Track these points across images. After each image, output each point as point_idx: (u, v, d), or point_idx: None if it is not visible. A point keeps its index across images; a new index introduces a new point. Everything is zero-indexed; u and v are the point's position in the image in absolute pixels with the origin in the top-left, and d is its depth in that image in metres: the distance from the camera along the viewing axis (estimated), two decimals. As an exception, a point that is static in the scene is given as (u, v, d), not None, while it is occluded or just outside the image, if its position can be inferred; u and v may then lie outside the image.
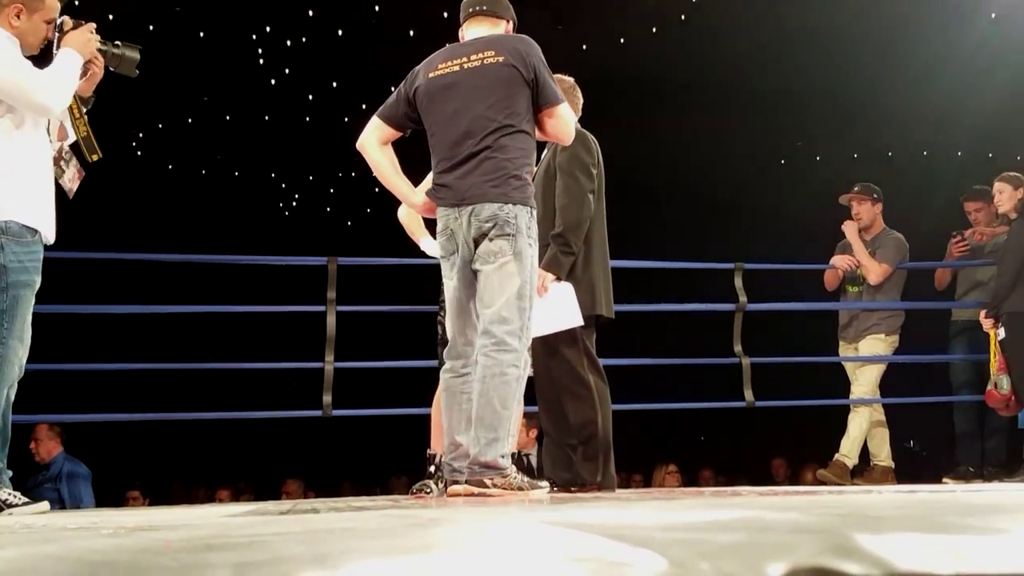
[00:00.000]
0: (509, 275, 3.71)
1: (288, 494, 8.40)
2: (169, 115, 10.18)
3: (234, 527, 1.96)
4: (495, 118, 3.76)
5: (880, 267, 6.45)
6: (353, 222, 11.25)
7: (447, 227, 3.81)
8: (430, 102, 3.87)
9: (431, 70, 3.90)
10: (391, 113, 3.97)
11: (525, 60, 3.80)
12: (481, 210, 3.71)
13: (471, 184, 3.74)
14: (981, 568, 0.94)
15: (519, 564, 0.96)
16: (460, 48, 3.93)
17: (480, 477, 3.62)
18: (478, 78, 3.80)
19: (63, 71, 3.84)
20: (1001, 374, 6.06)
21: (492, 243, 3.71)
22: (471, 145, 3.77)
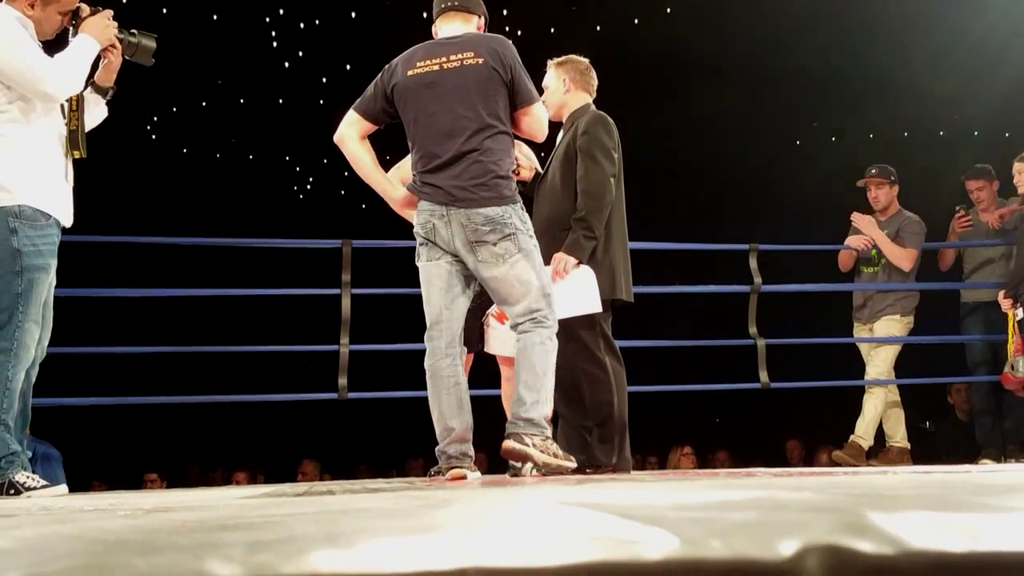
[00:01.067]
0: (525, 272, 3.81)
1: (304, 475, 8.44)
2: (184, 99, 10.20)
3: (249, 508, 1.97)
4: (478, 120, 3.83)
5: (908, 252, 6.41)
6: (368, 205, 11.24)
7: (429, 220, 3.86)
8: (409, 100, 3.90)
9: (409, 67, 3.91)
10: (368, 107, 4.00)
11: (503, 61, 3.86)
12: (476, 214, 3.77)
13: (461, 186, 3.79)
14: (994, 546, 0.93)
15: (531, 542, 0.96)
16: (438, 47, 3.94)
17: (521, 432, 3.73)
18: (458, 79, 3.84)
19: (75, 58, 3.83)
20: (1018, 356, 6.04)
21: (496, 247, 3.78)
22: (456, 146, 3.81)
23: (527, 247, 3.84)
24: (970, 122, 10.21)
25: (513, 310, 3.84)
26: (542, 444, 3.75)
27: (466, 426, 3.87)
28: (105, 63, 4.06)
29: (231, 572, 0.86)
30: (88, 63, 3.90)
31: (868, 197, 6.62)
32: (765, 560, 0.89)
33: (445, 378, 3.87)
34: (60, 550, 0.99)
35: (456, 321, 3.92)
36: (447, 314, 3.90)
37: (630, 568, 0.89)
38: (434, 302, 3.91)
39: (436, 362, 3.89)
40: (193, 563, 0.88)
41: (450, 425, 3.84)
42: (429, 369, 3.92)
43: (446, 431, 3.85)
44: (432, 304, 3.92)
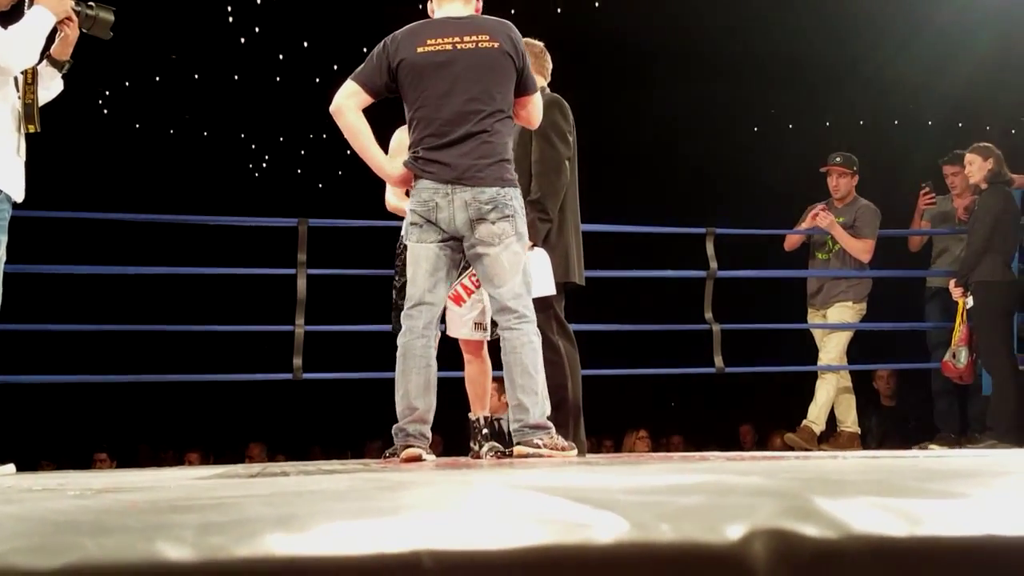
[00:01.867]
0: (516, 254, 3.84)
1: (251, 458, 8.38)
2: (137, 73, 10.05)
3: (201, 489, 1.97)
4: (490, 102, 3.84)
5: (866, 243, 6.49)
6: (324, 184, 11.18)
7: (432, 199, 3.83)
8: (418, 77, 3.86)
9: (419, 44, 3.87)
10: (370, 80, 3.92)
11: (516, 48, 3.90)
12: (481, 193, 3.78)
13: (469, 165, 3.79)
14: (936, 530, 0.95)
15: (484, 526, 0.97)
16: (450, 26, 3.91)
17: (531, 438, 3.81)
18: (473, 60, 3.83)
19: (29, 30, 3.75)
20: (961, 346, 6.15)
21: (495, 226, 3.80)
22: (468, 126, 3.81)
23: (522, 231, 3.88)
24: (925, 112, 10.34)
25: (499, 291, 3.85)
26: (550, 442, 3.84)
27: (429, 408, 3.88)
28: (61, 36, 3.99)
29: (182, 554, 0.86)
30: (43, 35, 3.83)
31: (828, 184, 6.68)
32: (713, 544, 0.90)
33: (417, 357, 3.87)
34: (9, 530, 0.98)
35: (437, 305, 3.94)
36: (429, 296, 3.90)
37: (581, 551, 0.90)
38: (419, 283, 3.90)
39: (411, 340, 3.89)
40: (144, 545, 0.88)
41: (414, 404, 3.85)
42: (402, 347, 3.91)
43: (409, 409, 3.85)
44: (417, 285, 3.91)
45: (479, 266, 3.90)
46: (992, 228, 6.08)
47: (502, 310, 3.87)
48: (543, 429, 3.85)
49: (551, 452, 3.81)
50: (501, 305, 3.87)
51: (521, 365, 3.83)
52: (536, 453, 3.78)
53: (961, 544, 0.94)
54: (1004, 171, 6.20)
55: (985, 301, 6.06)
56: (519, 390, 3.84)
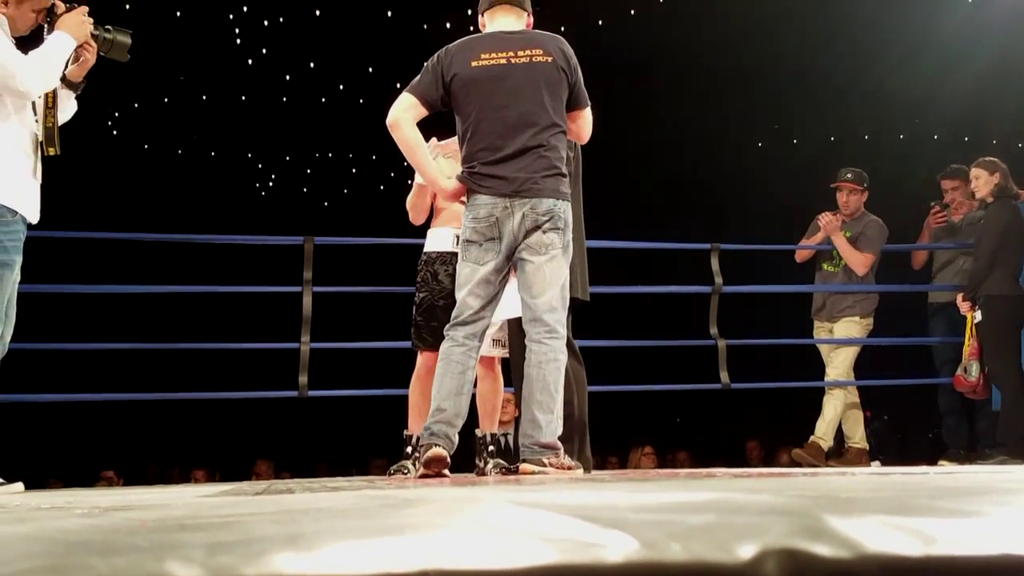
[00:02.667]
0: (559, 267, 3.85)
1: (258, 475, 8.37)
2: (145, 95, 10.10)
3: (208, 507, 1.96)
4: (546, 116, 3.86)
5: (865, 257, 6.48)
6: (330, 203, 11.21)
7: (491, 215, 3.83)
8: (473, 91, 3.87)
9: (472, 58, 3.89)
10: (427, 93, 3.92)
11: (570, 63, 3.94)
12: (539, 204, 3.80)
13: (526, 178, 3.80)
14: (950, 550, 0.95)
15: (491, 544, 0.96)
16: (503, 41, 3.93)
17: (539, 457, 3.78)
18: (529, 74, 3.86)
19: (50, 55, 3.78)
20: (972, 360, 6.13)
21: (545, 235, 3.81)
22: (524, 140, 3.82)
23: (569, 246, 3.90)
24: (931, 126, 10.34)
25: (535, 301, 3.83)
26: (556, 462, 3.81)
27: (458, 412, 3.86)
28: (80, 60, 4.00)
29: (192, 573, 0.86)
30: (63, 61, 3.86)
31: (838, 200, 6.67)
32: (724, 563, 0.90)
33: (454, 363, 3.87)
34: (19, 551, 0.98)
35: (482, 323, 3.93)
36: (476, 316, 3.90)
37: (590, 571, 0.90)
38: (469, 306, 3.89)
39: (451, 347, 3.89)
40: (153, 564, 0.87)
41: (443, 405, 3.84)
42: (444, 352, 3.91)
43: (438, 410, 3.84)
44: (467, 308, 3.89)
45: (521, 273, 3.89)
46: (999, 242, 6.06)
47: (535, 321, 3.85)
48: (552, 449, 3.82)
49: (556, 472, 3.79)
50: (535, 315, 3.84)
51: (543, 381, 3.81)
52: (541, 471, 3.76)
53: (977, 564, 0.94)
54: (1010, 185, 6.19)
55: (993, 315, 6.05)
56: (536, 406, 3.81)
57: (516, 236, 3.81)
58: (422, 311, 4.58)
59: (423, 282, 4.60)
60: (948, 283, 6.72)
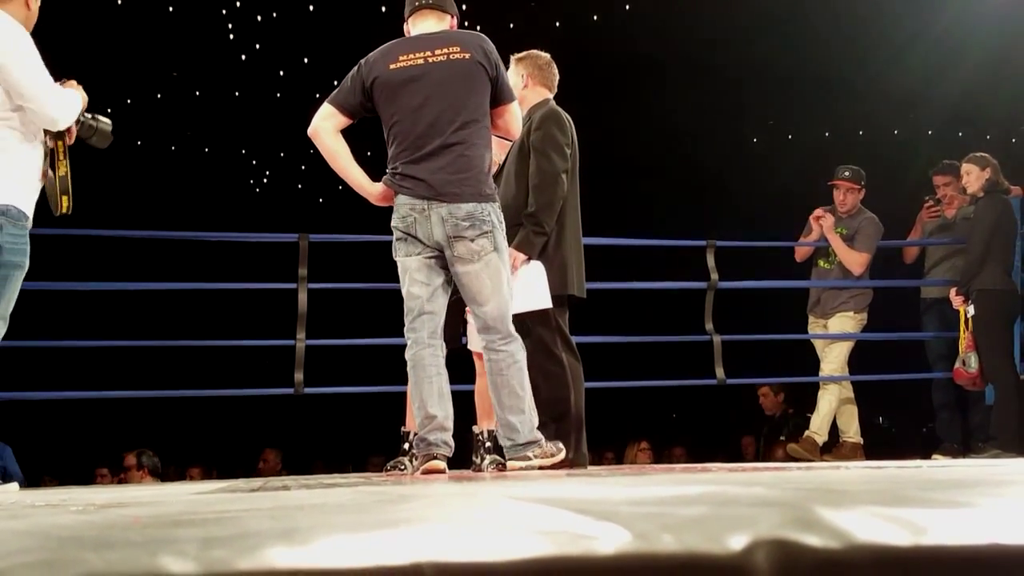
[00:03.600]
0: (496, 270, 3.86)
1: (266, 461, 8.47)
2: (138, 91, 10.08)
3: (203, 504, 1.97)
4: (464, 113, 3.86)
5: (861, 257, 6.48)
6: (324, 199, 11.20)
7: (409, 215, 3.86)
8: (392, 93, 3.89)
9: (391, 61, 3.91)
10: (346, 101, 3.97)
11: (489, 58, 3.92)
12: (457, 209, 3.80)
13: (445, 180, 3.81)
14: (940, 540, 0.95)
15: (486, 538, 0.97)
16: (422, 41, 3.95)
17: (524, 453, 3.88)
18: (445, 72, 3.87)
19: (73, 97, 3.96)
20: (969, 352, 6.14)
21: (474, 243, 3.82)
22: (441, 138, 3.83)
23: (502, 246, 3.90)
24: (924, 122, 10.35)
25: (483, 310, 3.86)
26: (540, 451, 3.90)
27: (447, 415, 3.90)
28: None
29: (185, 568, 0.86)
30: (80, 108, 3.99)
31: (835, 198, 6.67)
32: (715, 554, 0.90)
33: (427, 367, 3.88)
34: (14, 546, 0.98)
35: (438, 314, 3.94)
36: (428, 306, 3.91)
37: (583, 563, 0.90)
38: (416, 295, 3.91)
39: (418, 351, 3.90)
40: (148, 559, 0.88)
41: (431, 412, 3.86)
42: (411, 359, 3.92)
43: (427, 419, 3.86)
44: (414, 297, 3.91)
45: (461, 285, 3.91)
46: (991, 237, 6.07)
47: (486, 329, 3.89)
48: (533, 443, 3.90)
49: (542, 462, 3.88)
50: (485, 324, 3.89)
51: (508, 387, 3.87)
52: (529, 466, 3.84)
53: (965, 553, 0.94)
54: (1001, 180, 6.20)
55: (986, 310, 6.06)
56: (507, 411, 3.88)
57: (437, 239, 3.83)
58: None
59: None
60: (941, 279, 6.72)
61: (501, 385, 3.88)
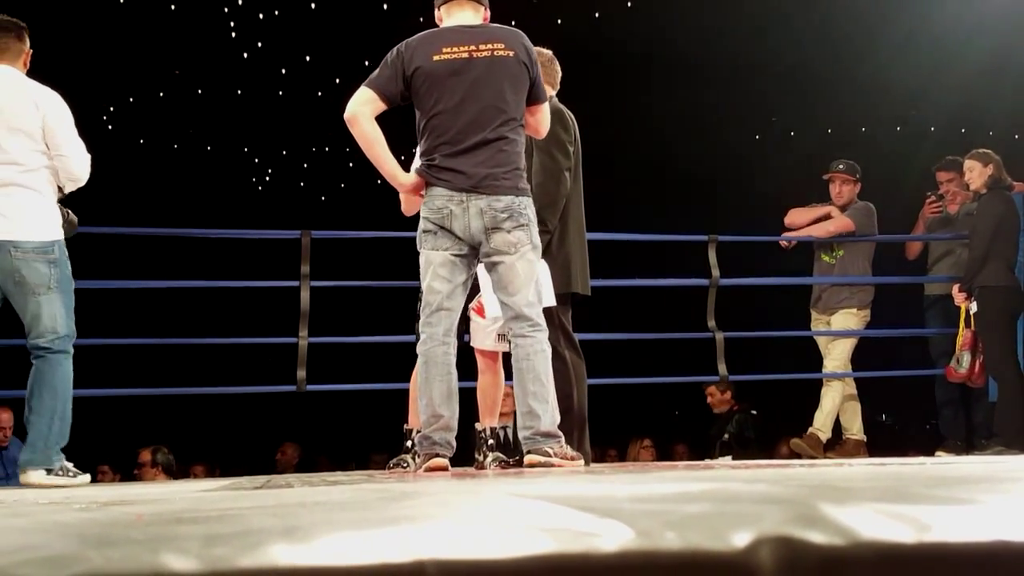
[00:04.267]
0: (530, 263, 3.88)
1: (284, 454, 8.56)
2: (141, 89, 10.08)
3: (206, 501, 1.97)
4: (505, 110, 3.86)
5: (841, 221, 6.52)
6: (327, 197, 11.20)
7: (446, 206, 3.84)
8: (434, 85, 3.86)
9: (434, 52, 3.87)
10: (386, 88, 3.90)
11: (530, 57, 3.94)
12: (497, 201, 3.80)
13: (486, 174, 3.81)
14: (945, 537, 0.95)
15: (489, 535, 0.96)
16: (465, 34, 3.92)
17: (543, 446, 3.81)
18: (489, 69, 3.86)
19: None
20: (964, 351, 6.14)
21: (511, 235, 3.82)
22: (482, 133, 3.83)
23: (536, 241, 3.92)
24: (927, 118, 10.32)
25: (513, 299, 3.85)
26: (560, 451, 3.83)
27: (453, 415, 3.90)
28: None
29: (187, 566, 0.86)
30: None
31: (831, 191, 6.69)
32: (719, 551, 0.90)
33: (440, 365, 3.88)
34: (16, 543, 0.98)
35: (455, 312, 3.94)
36: (448, 303, 3.90)
37: (586, 560, 0.90)
38: (436, 290, 3.90)
39: (432, 348, 3.90)
40: (149, 557, 0.88)
41: (439, 412, 3.86)
42: (424, 354, 3.91)
43: (434, 417, 3.86)
44: (434, 292, 3.90)
45: (494, 274, 3.91)
46: (994, 233, 6.06)
47: (516, 318, 3.87)
48: (554, 438, 3.85)
49: (561, 462, 3.80)
50: (515, 313, 3.87)
51: (534, 372, 3.84)
52: (548, 463, 3.77)
53: (970, 550, 0.94)
54: (1004, 176, 6.19)
55: (989, 306, 6.05)
56: (531, 397, 3.84)
57: (473, 233, 3.82)
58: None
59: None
60: (944, 275, 6.72)
61: (527, 371, 3.85)
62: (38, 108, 4.22)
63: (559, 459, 3.80)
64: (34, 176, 4.22)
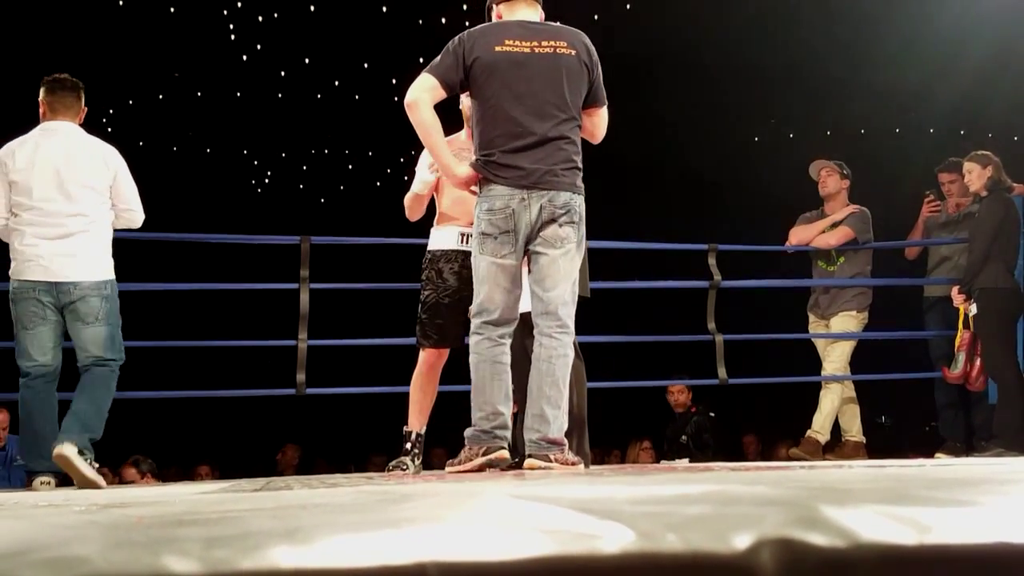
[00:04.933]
0: (572, 261, 3.84)
1: (284, 454, 8.62)
2: (140, 91, 10.08)
3: (206, 503, 1.96)
4: (565, 108, 3.85)
5: (841, 231, 6.53)
6: (326, 199, 11.20)
7: (508, 206, 3.79)
8: (493, 75, 3.83)
9: (496, 43, 3.85)
10: (447, 75, 3.86)
11: (592, 59, 3.95)
12: (557, 197, 3.78)
13: (547, 170, 3.78)
14: (945, 539, 0.95)
15: (489, 537, 0.96)
16: (528, 29, 3.90)
17: (546, 452, 3.76)
18: (551, 65, 3.85)
19: None
20: (959, 351, 6.14)
21: (561, 229, 3.80)
22: (544, 130, 3.80)
23: (583, 240, 3.90)
24: (926, 120, 10.32)
25: (548, 295, 3.82)
26: (562, 458, 3.79)
27: (508, 413, 3.89)
28: None
29: (188, 568, 0.86)
30: None
31: (819, 188, 6.72)
32: (720, 553, 0.90)
33: (499, 364, 3.85)
34: (16, 546, 0.98)
35: (515, 319, 3.91)
36: (508, 313, 3.87)
37: (587, 562, 0.90)
38: (497, 302, 3.84)
39: (492, 348, 3.85)
40: (150, 559, 0.88)
41: (500, 410, 3.83)
42: (483, 353, 3.86)
43: (494, 415, 3.82)
44: (495, 304, 3.84)
45: (535, 265, 3.87)
46: (994, 235, 6.06)
47: (547, 314, 3.83)
48: (558, 446, 3.80)
49: (561, 468, 3.78)
50: (547, 309, 3.83)
51: (552, 376, 3.80)
52: (547, 467, 3.74)
53: (971, 552, 0.94)
54: (1004, 178, 6.19)
55: (989, 308, 6.04)
56: (545, 400, 3.79)
57: (532, 229, 3.79)
58: (427, 309, 4.55)
59: (428, 280, 4.57)
60: (944, 278, 6.72)
61: (546, 373, 3.80)
62: (107, 167, 4.77)
63: (559, 465, 3.76)
64: (99, 224, 4.74)
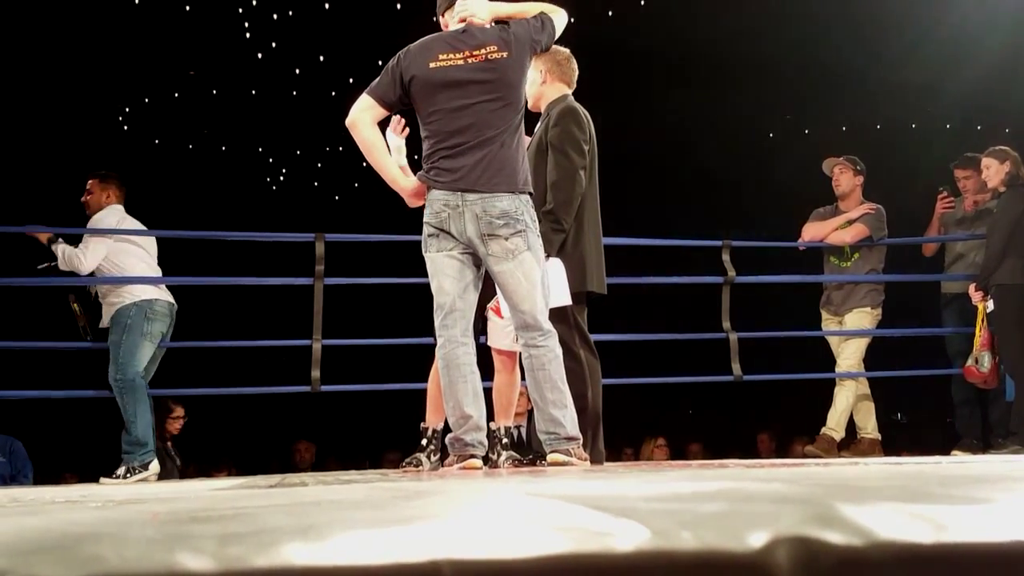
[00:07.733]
0: (531, 267, 3.87)
1: (299, 452, 8.65)
2: (156, 90, 10.11)
3: (221, 500, 1.97)
4: (501, 114, 3.89)
5: (856, 228, 6.50)
6: (341, 196, 11.21)
7: (443, 210, 3.86)
8: (430, 93, 3.91)
9: (430, 59, 3.92)
10: (385, 94, 3.98)
11: (522, 40, 3.95)
12: (492, 206, 3.81)
13: (480, 174, 3.83)
14: (962, 537, 0.94)
15: (504, 534, 0.96)
16: (460, 40, 3.96)
17: (567, 448, 3.87)
18: (484, 74, 3.89)
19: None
20: (983, 351, 6.10)
21: (508, 242, 3.83)
22: (478, 137, 3.85)
23: (535, 245, 3.92)
24: (942, 115, 10.27)
25: (519, 310, 3.88)
26: (580, 453, 3.91)
27: (481, 414, 3.93)
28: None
29: (202, 564, 0.86)
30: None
31: (832, 181, 6.69)
32: (735, 551, 0.90)
33: (462, 366, 3.90)
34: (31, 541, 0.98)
35: (469, 310, 3.96)
36: (460, 303, 3.92)
37: (601, 560, 0.89)
38: (447, 291, 3.92)
39: (452, 350, 3.91)
40: (164, 555, 0.88)
41: (467, 412, 3.88)
42: (444, 358, 3.93)
43: (463, 419, 3.88)
44: (445, 293, 3.92)
45: (496, 281, 3.94)
46: (1011, 231, 6.02)
47: (525, 327, 3.90)
48: (575, 440, 3.91)
49: (579, 462, 3.89)
50: (524, 322, 3.90)
51: (551, 381, 3.88)
52: (569, 462, 3.84)
53: (988, 550, 0.93)
54: (1021, 173, 6.14)
55: (1005, 305, 6.01)
56: (551, 405, 3.88)
57: (470, 237, 3.84)
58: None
59: None
60: (961, 274, 6.68)
61: (543, 380, 3.88)
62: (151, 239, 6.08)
63: (577, 459, 3.87)
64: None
